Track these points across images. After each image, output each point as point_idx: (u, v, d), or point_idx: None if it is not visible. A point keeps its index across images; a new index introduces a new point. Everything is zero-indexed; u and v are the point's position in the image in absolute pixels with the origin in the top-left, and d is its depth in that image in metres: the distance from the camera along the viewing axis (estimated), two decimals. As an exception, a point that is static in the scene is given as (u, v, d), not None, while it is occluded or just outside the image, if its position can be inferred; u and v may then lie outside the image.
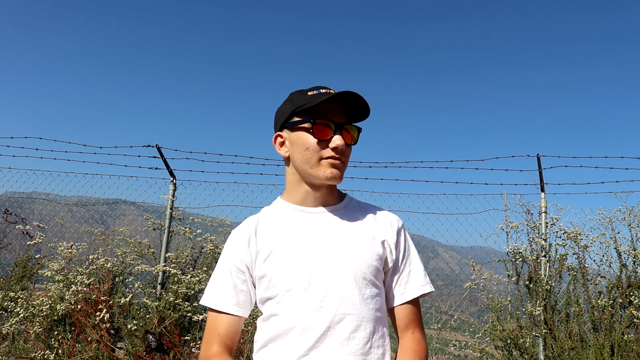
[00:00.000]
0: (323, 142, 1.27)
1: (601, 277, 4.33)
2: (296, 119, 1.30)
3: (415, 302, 1.34)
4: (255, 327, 1.31)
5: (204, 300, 1.32)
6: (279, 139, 1.35)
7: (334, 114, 1.29)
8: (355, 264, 1.25)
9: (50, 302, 4.60)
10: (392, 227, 1.36)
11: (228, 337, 1.29)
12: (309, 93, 1.30)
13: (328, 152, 1.27)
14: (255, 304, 1.35)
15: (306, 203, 1.34)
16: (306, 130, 1.28)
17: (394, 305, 1.32)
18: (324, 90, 1.30)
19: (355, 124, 1.34)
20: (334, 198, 1.36)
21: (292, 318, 1.22)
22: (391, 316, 1.34)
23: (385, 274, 1.33)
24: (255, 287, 1.31)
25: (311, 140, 1.27)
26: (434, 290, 1.37)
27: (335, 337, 1.19)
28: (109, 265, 4.75)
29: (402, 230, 1.38)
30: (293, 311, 1.22)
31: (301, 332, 1.20)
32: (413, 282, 1.34)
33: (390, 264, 1.32)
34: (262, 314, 1.30)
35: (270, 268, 1.26)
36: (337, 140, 1.26)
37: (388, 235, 1.34)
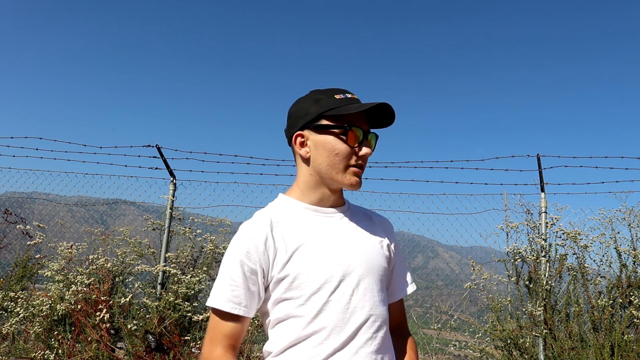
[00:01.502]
0: (352, 149, 1.28)
1: (601, 277, 4.33)
2: (325, 122, 1.28)
3: (402, 300, 1.44)
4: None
5: (213, 302, 1.23)
6: (300, 139, 1.31)
7: (362, 121, 1.31)
8: (374, 266, 1.29)
9: (50, 302, 4.60)
10: (391, 230, 1.43)
11: (234, 338, 1.23)
12: (336, 96, 1.29)
13: (355, 160, 1.29)
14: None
15: (321, 204, 1.33)
16: (336, 135, 1.27)
17: (390, 302, 1.39)
18: (349, 95, 1.31)
19: (374, 130, 1.35)
20: (341, 199, 1.38)
21: (321, 320, 1.20)
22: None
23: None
24: (265, 289, 1.26)
25: (342, 146, 1.27)
26: (416, 287, 1.47)
27: (361, 338, 1.22)
28: (109, 265, 4.75)
29: (394, 232, 1.45)
30: (322, 313, 1.20)
31: (328, 334, 1.19)
32: (404, 282, 1.43)
33: (392, 266, 1.39)
34: (269, 315, 1.27)
35: (294, 269, 1.22)
36: (365, 149, 1.28)
37: (390, 237, 1.40)
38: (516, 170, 5.26)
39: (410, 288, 1.44)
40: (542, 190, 4.95)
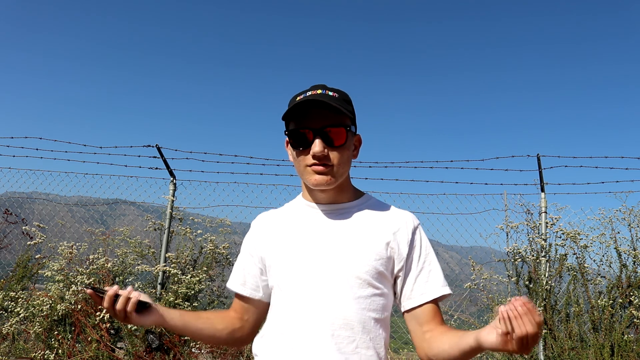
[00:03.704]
0: (306, 150, 1.27)
1: (601, 277, 4.33)
2: (288, 127, 1.33)
3: (436, 303, 1.30)
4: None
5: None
6: (288, 144, 1.36)
7: (315, 118, 1.26)
8: (350, 264, 1.24)
9: (50, 302, 4.60)
10: (406, 228, 1.32)
11: (238, 308, 1.41)
12: (297, 98, 1.28)
13: (310, 159, 1.26)
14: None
15: (316, 201, 1.36)
16: (288, 141, 1.32)
17: (415, 305, 1.28)
18: (309, 93, 1.27)
19: (342, 124, 1.27)
20: (346, 196, 1.35)
21: (281, 312, 1.26)
22: (413, 318, 1.29)
23: (397, 276, 1.30)
24: (267, 275, 1.37)
25: (293, 151, 1.31)
26: (452, 292, 1.33)
27: (319, 334, 1.19)
28: (109, 265, 4.75)
29: (417, 231, 1.34)
30: (282, 305, 1.27)
31: (287, 326, 1.24)
32: (433, 283, 1.30)
33: (400, 266, 1.29)
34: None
35: (272, 260, 1.32)
36: (314, 147, 1.24)
37: (399, 236, 1.30)
38: (516, 170, 5.25)
39: (441, 290, 1.29)
40: (542, 190, 4.95)
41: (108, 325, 4.46)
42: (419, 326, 1.28)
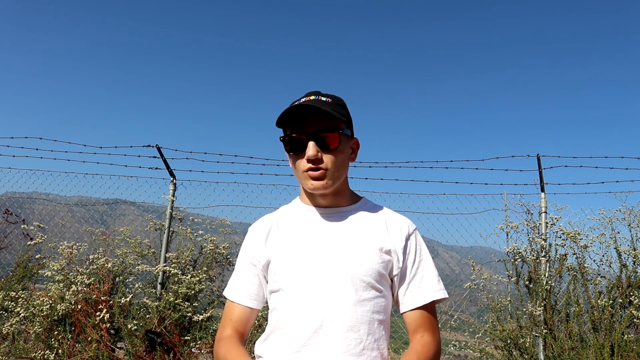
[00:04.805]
0: (301, 155, 1.28)
1: (601, 277, 4.33)
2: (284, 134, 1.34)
3: (427, 308, 1.32)
4: (256, 326, 1.38)
5: (225, 291, 1.43)
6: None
7: (308, 123, 1.27)
8: (354, 267, 1.25)
9: (50, 302, 4.60)
10: (401, 233, 1.34)
11: (240, 323, 1.37)
12: (294, 104, 1.29)
13: (306, 164, 1.27)
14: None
15: (315, 204, 1.37)
16: (286, 147, 1.33)
17: (406, 310, 1.32)
18: (303, 100, 1.30)
19: (335, 127, 1.28)
20: (344, 200, 1.37)
21: (287, 314, 1.26)
22: (406, 322, 1.33)
23: (394, 280, 1.32)
24: (266, 281, 1.37)
25: (291, 157, 1.32)
26: (447, 297, 1.34)
27: (327, 336, 1.21)
28: (109, 265, 4.75)
29: (413, 236, 1.36)
30: (288, 307, 1.26)
31: (294, 328, 1.23)
32: (425, 288, 1.32)
33: (397, 270, 1.31)
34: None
35: (275, 264, 1.31)
36: (308, 151, 1.25)
37: (396, 240, 1.32)
38: (516, 170, 5.25)
39: (431, 296, 1.30)
40: (542, 190, 4.94)
41: (108, 325, 4.46)
42: (408, 332, 1.33)
